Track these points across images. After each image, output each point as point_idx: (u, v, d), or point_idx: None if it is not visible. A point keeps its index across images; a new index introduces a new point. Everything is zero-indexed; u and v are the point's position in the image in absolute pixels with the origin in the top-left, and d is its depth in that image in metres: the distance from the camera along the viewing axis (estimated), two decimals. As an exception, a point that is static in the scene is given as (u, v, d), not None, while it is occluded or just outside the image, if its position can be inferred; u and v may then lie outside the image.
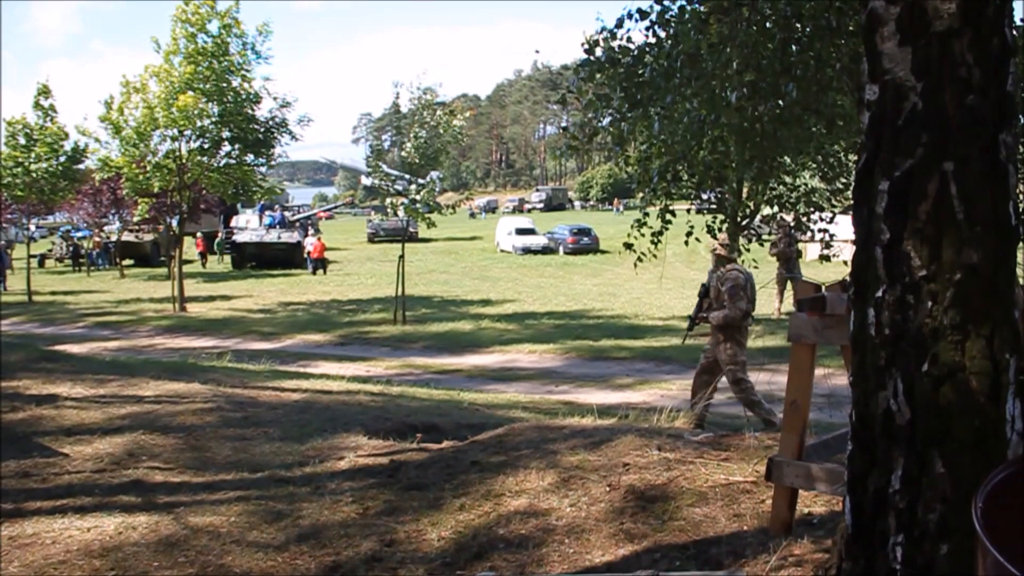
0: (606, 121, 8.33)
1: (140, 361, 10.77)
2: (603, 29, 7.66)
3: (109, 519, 4.00)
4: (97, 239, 35.61)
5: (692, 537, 3.30)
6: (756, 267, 8.81)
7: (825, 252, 12.37)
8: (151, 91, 19.12)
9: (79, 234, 35.85)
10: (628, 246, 8.10)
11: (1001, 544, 1.14)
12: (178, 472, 4.77)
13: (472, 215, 68.42)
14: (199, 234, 35.15)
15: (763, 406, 6.62)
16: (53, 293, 26.45)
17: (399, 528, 3.76)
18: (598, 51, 7.55)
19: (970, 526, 1.25)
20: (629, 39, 7.50)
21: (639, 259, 8.48)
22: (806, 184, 14.21)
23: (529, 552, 3.36)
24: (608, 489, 3.84)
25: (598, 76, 7.63)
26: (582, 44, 7.64)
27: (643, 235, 8.33)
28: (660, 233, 8.58)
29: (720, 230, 10.48)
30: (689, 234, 9.09)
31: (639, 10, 6.93)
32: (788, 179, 13.28)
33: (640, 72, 7.12)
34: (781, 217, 14.50)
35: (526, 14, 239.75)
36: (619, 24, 7.35)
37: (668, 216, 8.78)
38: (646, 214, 8.62)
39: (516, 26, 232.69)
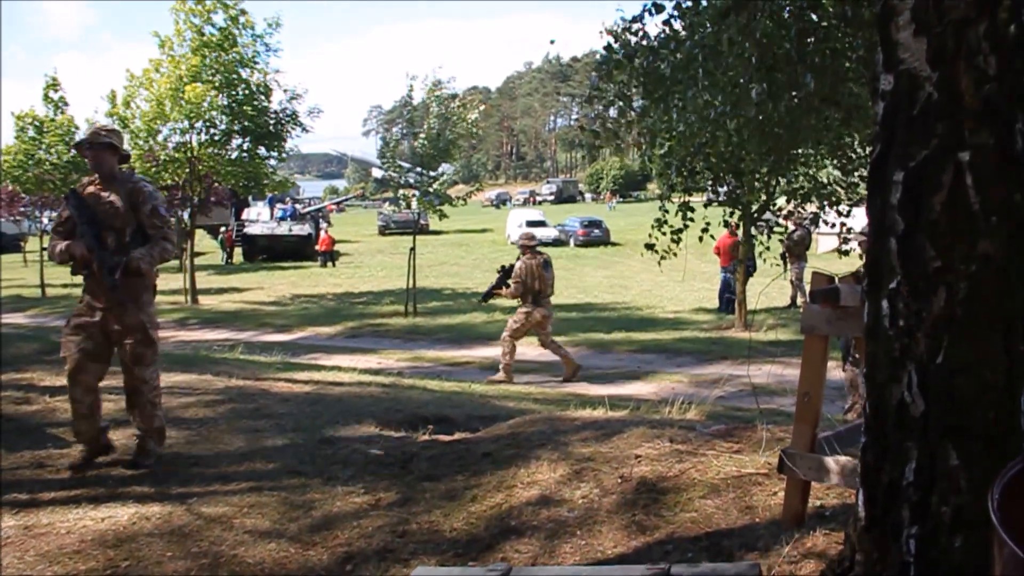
0: (631, 117, 8.31)
1: (153, 353, 10.81)
2: (622, 22, 7.62)
3: (123, 509, 4.02)
4: None
5: (704, 529, 3.30)
6: (777, 263, 8.82)
7: (845, 248, 12.29)
8: (156, 84, 19.10)
9: None
10: (650, 247, 8.09)
11: (1018, 536, 1.14)
12: (191, 463, 4.80)
13: (496, 206, 68.62)
14: (223, 228, 35.33)
15: None
16: (65, 286, 26.56)
17: (411, 519, 3.78)
18: (616, 46, 7.52)
19: (985, 518, 1.24)
20: (646, 34, 7.46)
21: (662, 258, 8.47)
22: (818, 176, 14.11)
23: (541, 543, 3.37)
24: (620, 481, 3.85)
25: (616, 73, 7.60)
26: (600, 33, 7.60)
27: (664, 233, 8.32)
28: (681, 231, 8.56)
29: (738, 226, 10.45)
30: (705, 230, 9.06)
31: (655, 4, 6.89)
32: (805, 170, 13.20)
33: (658, 66, 7.10)
34: (798, 211, 14.43)
35: (536, 6, 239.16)
36: (635, 20, 7.31)
37: (688, 212, 8.75)
38: (665, 211, 8.60)
39: (526, 18, 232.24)
